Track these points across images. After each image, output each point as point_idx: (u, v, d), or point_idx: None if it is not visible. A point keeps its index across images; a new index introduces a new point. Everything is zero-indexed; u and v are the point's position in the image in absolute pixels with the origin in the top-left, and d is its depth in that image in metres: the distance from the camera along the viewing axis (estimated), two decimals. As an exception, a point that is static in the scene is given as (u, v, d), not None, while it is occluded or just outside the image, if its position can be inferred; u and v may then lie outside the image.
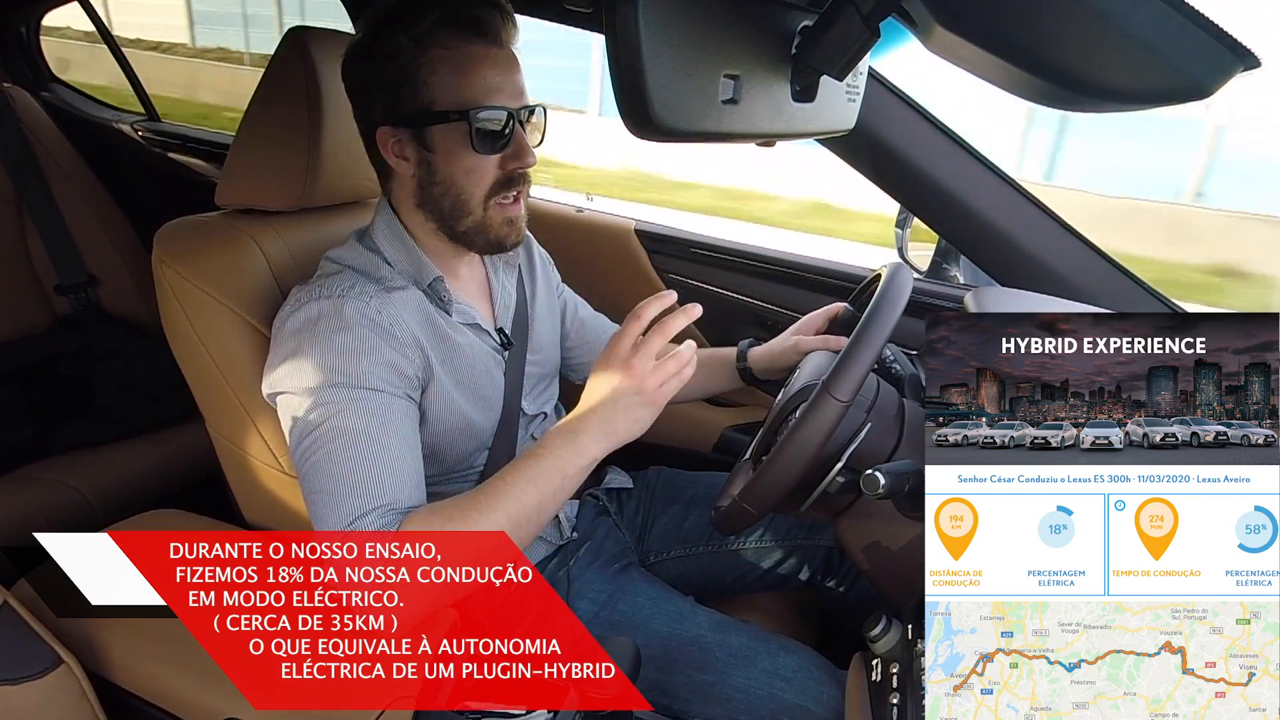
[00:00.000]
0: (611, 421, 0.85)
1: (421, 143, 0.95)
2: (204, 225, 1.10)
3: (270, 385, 0.94)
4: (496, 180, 0.96)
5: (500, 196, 0.97)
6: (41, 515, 1.44)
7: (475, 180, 0.96)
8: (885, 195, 1.29)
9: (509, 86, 0.95)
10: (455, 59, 0.92)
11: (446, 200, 0.97)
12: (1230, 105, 6.39)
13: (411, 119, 0.95)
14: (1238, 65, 0.58)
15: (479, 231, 0.99)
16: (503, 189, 0.97)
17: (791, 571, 1.22)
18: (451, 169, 0.95)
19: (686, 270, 1.61)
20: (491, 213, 0.98)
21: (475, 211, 0.97)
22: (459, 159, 0.95)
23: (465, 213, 0.97)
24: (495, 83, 0.93)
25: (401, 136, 0.96)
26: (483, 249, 1.02)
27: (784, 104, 0.72)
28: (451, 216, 0.98)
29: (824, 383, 0.82)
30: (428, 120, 0.94)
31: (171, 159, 2.18)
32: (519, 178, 0.97)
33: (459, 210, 0.97)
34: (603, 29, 0.55)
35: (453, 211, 0.98)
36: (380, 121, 0.96)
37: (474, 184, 0.96)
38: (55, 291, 1.84)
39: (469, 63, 0.93)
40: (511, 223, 1.00)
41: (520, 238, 1.02)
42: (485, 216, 0.98)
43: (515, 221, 1.00)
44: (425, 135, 0.95)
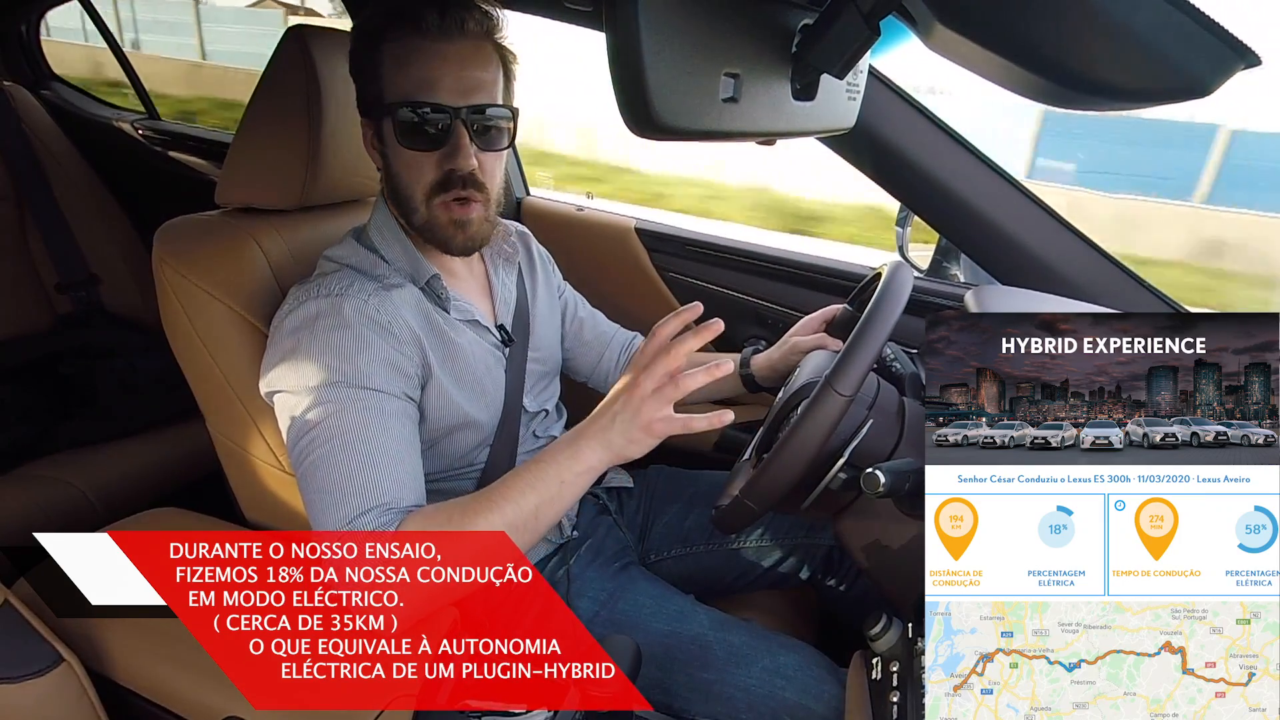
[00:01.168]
0: (608, 434, 0.84)
1: (379, 135, 0.97)
2: (204, 224, 1.10)
3: (268, 384, 0.94)
4: (435, 180, 0.95)
5: (441, 196, 0.96)
6: (42, 513, 1.44)
7: (414, 176, 0.96)
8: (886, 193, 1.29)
9: (449, 82, 0.92)
10: (397, 52, 0.92)
11: (398, 195, 0.98)
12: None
13: (370, 111, 0.97)
14: (1238, 63, 0.57)
15: (427, 229, 0.99)
16: (442, 189, 0.95)
17: (792, 570, 1.22)
18: (397, 164, 0.96)
19: (686, 269, 1.60)
20: (436, 212, 0.97)
21: (420, 209, 0.97)
22: (398, 154, 0.95)
23: (412, 209, 0.98)
24: (431, 77, 0.92)
25: (369, 129, 0.98)
26: (436, 247, 1.01)
27: (784, 102, 0.72)
28: (404, 211, 0.99)
29: (826, 378, 0.82)
30: (380, 113, 0.95)
31: (172, 157, 2.18)
32: (461, 180, 0.95)
33: (406, 206, 0.98)
34: (603, 28, 0.54)
35: (403, 207, 0.99)
36: (360, 112, 0.99)
37: (413, 180, 0.96)
38: (56, 290, 1.85)
39: (408, 56, 0.92)
40: (459, 225, 0.98)
41: (473, 244, 1.01)
42: (430, 215, 0.97)
43: (464, 225, 0.98)
44: (381, 128, 0.96)
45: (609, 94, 0.56)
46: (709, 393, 1.28)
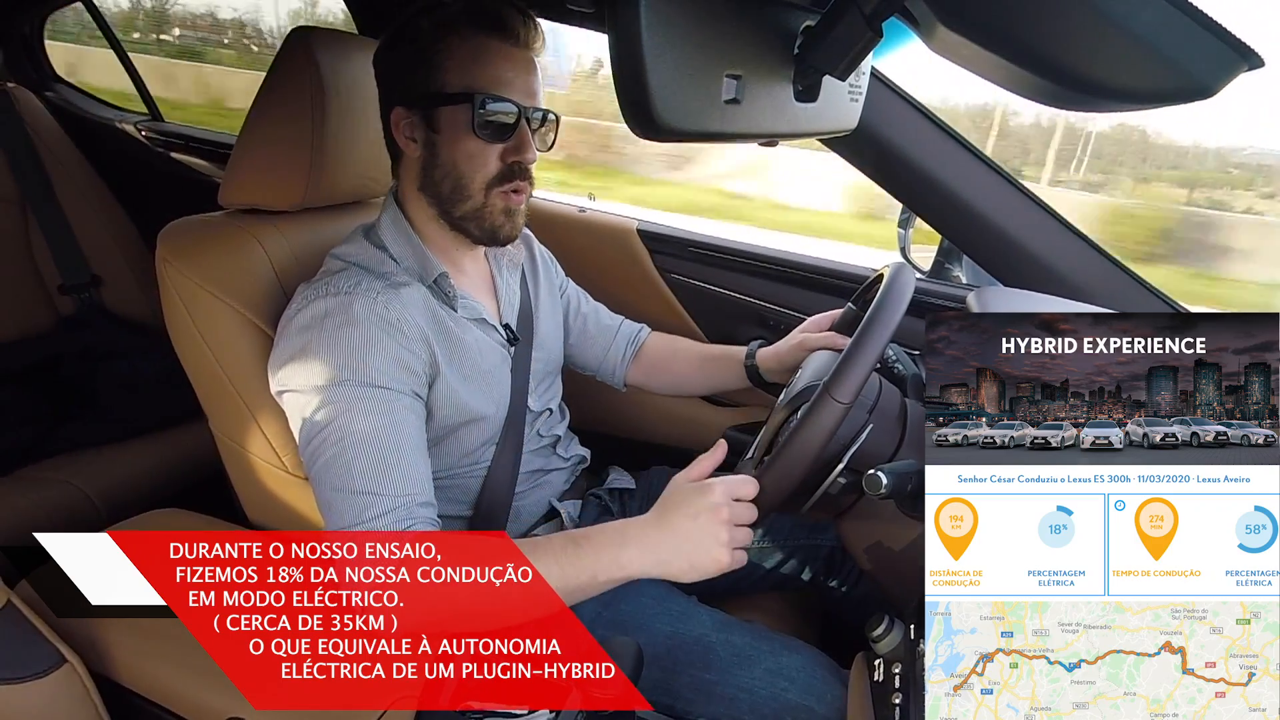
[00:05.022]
0: (682, 551, 0.83)
1: (430, 124, 0.98)
2: (207, 225, 1.10)
3: (278, 383, 0.94)
4: (498, 171, 0.98)
5: (502, 186, 0.99)
6: (44, 515, 1.44)
7: (476, 166, 0.98)
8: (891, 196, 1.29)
9: (520, 84, 0.97)
10: (471, 48, 0.95)
11: (447, 183, 0.99)
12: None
13: (423, 100, 0.97)
14: (1241, 64, 0.58)
15: (475, 218, 1.01)
16: (503, 180, 0.99)
17: (794, 572, 1.22)
18: (454, 153, 0.98)
19: (688, 270, 1.61)
20: (494, 200, 1.00)
21: (475, 197, 0.99)
22: (461, 143, 0.97)
23: (464, 197, 0.99)
24: (507, 77, 0.96)
25: (412, 118, 0.99)
26: (478, 239, 1.03)
27: (786, 104, 0.72)
28: (450, 200, 1.00)
29: (825, 385, 0.82)
30: (437, 102, 0.96)
31: (175, 159, 2.18)
32: (519, 172, 0.99)
33: (458, 194, 0.99)
34: (605, 29, 0.55)
35: (452, 195, 1.00)
36: (396, 102, 0.99)
37: (474, 169, 0.98)
38: (59, 291, 1.84)
39: (483, 53, 0.95)
40: (509, 214, 1.01)
41: (516, 232, 1.04)
42: (485, 203, 1.00)
43: (513, 214, 1.02)
44: (434, 117, 0.97)
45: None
46: (711, 385, 1.29)
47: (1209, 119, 11.64)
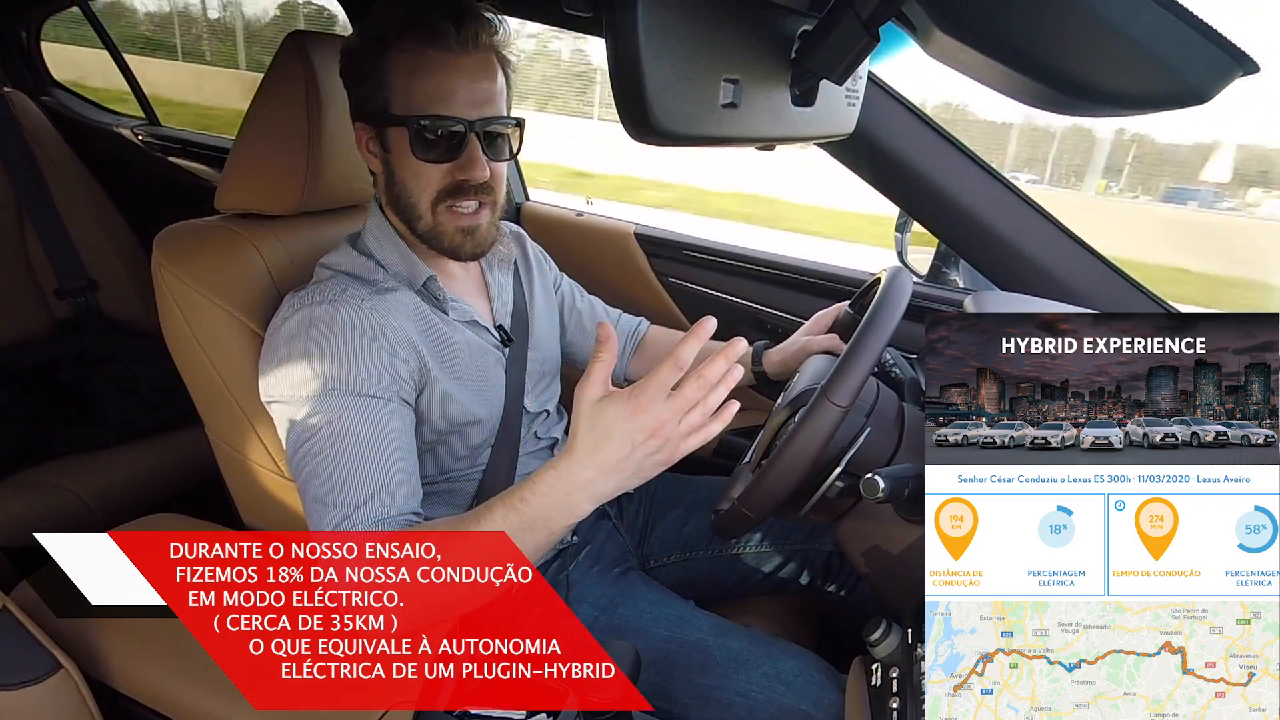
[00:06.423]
0: (616, 477, 0.74)
1: (382, 142, 0.97)
2: (204, 229, 1.10)
3: (266, 392, 0.94)
4: (443, 187, 0.96)
5: (450, 204, 0.97)
6: (40, 519, 1.43)
7: (421, 185, 0.96)
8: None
9: (464, 95, 0.93)
10: (409, 63, 0.92)
11: (402, 201, 0.98)
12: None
13: (372, 118, 0.96)
14: (1236, 70, 0.58)
15: (432, 237, 0.99)
16: (451, 196, 0.96)
17: (792, 576, 1.22)
18: (403, 172, 0.96)
19: (686, 274, 1.61)
20: (442, 219, 0.98)
21: (425, 216, 0.98)
22: (407, 163, 0.95)
23: (416, 216, 0.98)
24: (448, 90, 0.92)
25: (369, 134, 0.98)
26: (443, 254, 1.01)
27: (784, 108, 0.72)
28: (407, 218, 0.99)
29: (822, 388, 0.82)
30: (385, 121, 0.95)
31: (171, 163, 2.19)
32: (473, 188, 0.96)
33: (410, 213, 0.98)
34: (602, 33, 0.55)
35: (407, 213, 0.99)
36: (355, 117, 0.99)
37: (420, 189, 0.96)
38: (55, 295, 1.84)
39: (421, 67, 0.92)
40: (467, 232, 0.99)
41: (481, 249, 1.01)
42: (436, 222, 0.98)
43: (472, 232, 0.99)
44: (384, 135, 0.96)
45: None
46: None
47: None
